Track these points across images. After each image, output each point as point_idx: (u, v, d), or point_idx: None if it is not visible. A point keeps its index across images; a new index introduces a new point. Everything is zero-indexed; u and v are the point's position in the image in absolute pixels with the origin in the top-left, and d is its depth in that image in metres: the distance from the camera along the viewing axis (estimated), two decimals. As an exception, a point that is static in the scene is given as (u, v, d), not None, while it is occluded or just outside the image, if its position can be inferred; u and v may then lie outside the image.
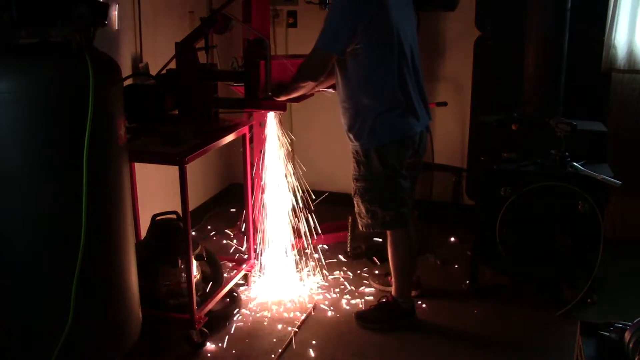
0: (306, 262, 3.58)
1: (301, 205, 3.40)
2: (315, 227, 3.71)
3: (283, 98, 2.95)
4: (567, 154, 3.24)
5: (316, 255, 3.65)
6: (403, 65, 2.83)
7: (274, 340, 3.00)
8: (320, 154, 4.57)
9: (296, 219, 3.41)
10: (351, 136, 2.92)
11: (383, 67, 2.78)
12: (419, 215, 3.19)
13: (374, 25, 2.71)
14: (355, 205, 3.03)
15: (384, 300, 3.18)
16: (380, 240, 3.77)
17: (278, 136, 3.32)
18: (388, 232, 3.07)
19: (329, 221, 3.99)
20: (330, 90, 3.10)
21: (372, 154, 2.87)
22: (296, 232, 3.46)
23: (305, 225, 3.47)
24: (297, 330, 3.08)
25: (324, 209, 3.86)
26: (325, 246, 3.85)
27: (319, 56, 2.79)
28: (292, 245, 3.47)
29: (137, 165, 3.06)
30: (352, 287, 3.48)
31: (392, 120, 2.85)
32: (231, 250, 3.78)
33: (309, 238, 3.56)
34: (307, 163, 4.28)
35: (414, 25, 3.00)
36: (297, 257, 3.52)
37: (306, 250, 3.58)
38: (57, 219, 2.21)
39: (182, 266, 2.89)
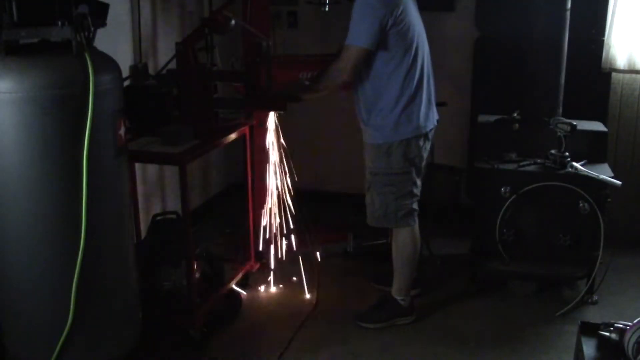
0: (306, 262, 3.58)
1: (301, 205, 3.40)
2: (315, 227, 3.72)
3: (307, 97, 2.96)
4: (567, 154, 3.24)
5: (316, 255, 3.65)
6: (423, 61, 2.92)
7: (274, 340, 3.00)
8: (320, 154, 4.57)
9: (296, 219, 3.41)
10: (371, 130, 2.94)
11: (406, 62, 2.85)
12: (418, 215, 3.20)
13: (399, 21, 2.77)
14: (368, 198, 3.04)
15: (383, 299, 3.18)
16: (382, 241, 3.78)
17: (278, 136, 3.32)
18: (395, 229, 3.08)
19: (329, 221, 4.00)
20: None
21: (395, 148, 2.91)
22: (296, 232, 3.46)
23: (306, 225, 3.48)
24: (297, 330, 3.08)
25: (324, 209, 3.86)
26: (326, 246, 3.85)
27: (352, 51, 2.80)
28: (292, 245, 3.47)
29: (137, 165, 3.06)
30: (352, 287, 3.48)
31: (416, 115, 2.91)
32: (231, 251, 3.77)
33: (310, 238, 3.56)
34: (307, 163, 4.30)
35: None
36: (297, 257, 3.52)
37: (307, 250, 3.58)
38: (57, 218, 2.21)
39: (183, 266, 2.89)
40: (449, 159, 4.34)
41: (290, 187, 3.39)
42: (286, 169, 3.37)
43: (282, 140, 3.34)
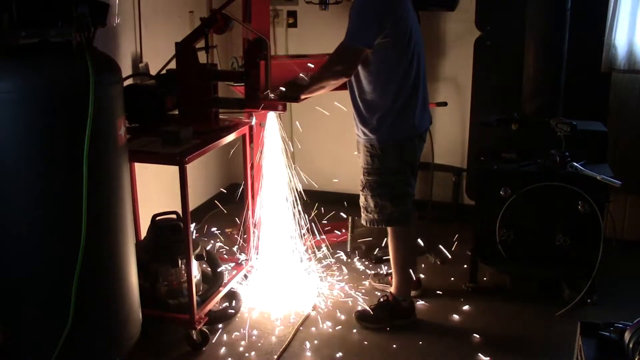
0: (306, 263, 3.58)
1: (301, 205, 3.40)
2: (315, 227, 3.72)
3: (303, 97, 2.93)
4: (567, 154, 3.24)
5: (316, 255, 3.65)
6: (419, 62, 2.92)
7: (274, 340, 3.00)
8: (320, 154, 4.57)
9: (296, 219, 3.41)
10: (367, 130, 2.94)
11: (404, 63, 2.85)
12: (419, 215, 3.20)
13: (397, 21, 2.77)
14: (363, 199, 3.04)
15: (383, 299, 3.18)
16: (382, 242, 3.78)
17: (278, 136, 3.31)
18: (390, 229, 3.07)
19: (329, 221, 3.99)
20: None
21: (391, 148, 2.91)
22: (296, 232, 3.46)
23: (305, 225, 3.47)
24: (297, 330, 3.08)
25: (324, 209, 3.86)
26: (325, 246, 3.85)
27: (351, 51, 2.78)
28: (293, 245, 3.47)
29: (137, 165, 3.07)
30: (352, 287, 3.48)
31: (412, 116, 2.91)
32: (231, 251, 3.78)
33: (309, 238, 3.56)
34: (307, 163, 4.30)
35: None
36: (298, 257, 3.52)
37: (306, 250, 3.58)
38: (57, 218, 2.22)
39: (182, 266, 2.89)
40: (449, 159, 4.35)
41: (291, 187, 3.39)
42: (287, 168, 3.37)
43: (282, 140, 3.34)
